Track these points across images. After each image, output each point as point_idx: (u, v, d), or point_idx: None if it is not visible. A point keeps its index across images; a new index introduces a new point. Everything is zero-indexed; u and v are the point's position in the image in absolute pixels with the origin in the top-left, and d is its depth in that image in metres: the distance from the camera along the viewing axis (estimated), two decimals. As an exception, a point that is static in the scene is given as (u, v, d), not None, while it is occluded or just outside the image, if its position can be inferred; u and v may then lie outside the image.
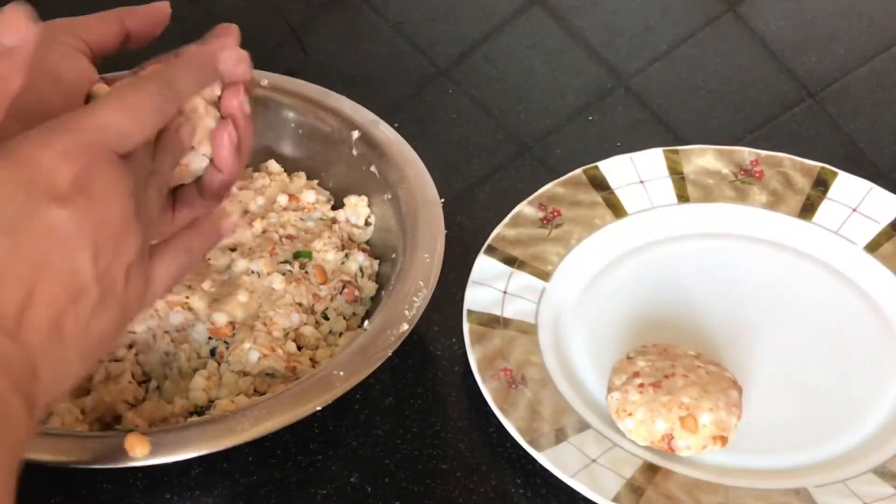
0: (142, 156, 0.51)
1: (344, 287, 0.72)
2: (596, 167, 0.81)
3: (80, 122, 0.48)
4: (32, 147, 0.47)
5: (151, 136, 0.51)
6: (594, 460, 0.64)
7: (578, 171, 0.81)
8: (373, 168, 0.76)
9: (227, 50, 0.57)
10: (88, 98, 0.57)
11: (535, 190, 0.79)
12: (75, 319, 0.47)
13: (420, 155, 0.76)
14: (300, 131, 0.80)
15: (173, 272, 0.53)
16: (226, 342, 0.69)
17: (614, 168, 0.81)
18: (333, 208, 0.79)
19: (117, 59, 0.62)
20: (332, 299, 0.72)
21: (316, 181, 0.80)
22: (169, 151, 0.54)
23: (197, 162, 0.57)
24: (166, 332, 0.69)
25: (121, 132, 0.49)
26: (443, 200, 0.73)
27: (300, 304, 0.70)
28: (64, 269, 0.46)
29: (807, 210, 0.79)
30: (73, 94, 0.57)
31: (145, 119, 0.50)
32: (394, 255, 0.72)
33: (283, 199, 0.77)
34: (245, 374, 0.67)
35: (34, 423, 0.46)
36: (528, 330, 0.72)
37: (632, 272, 0.77)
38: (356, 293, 0.73)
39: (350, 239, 0.77)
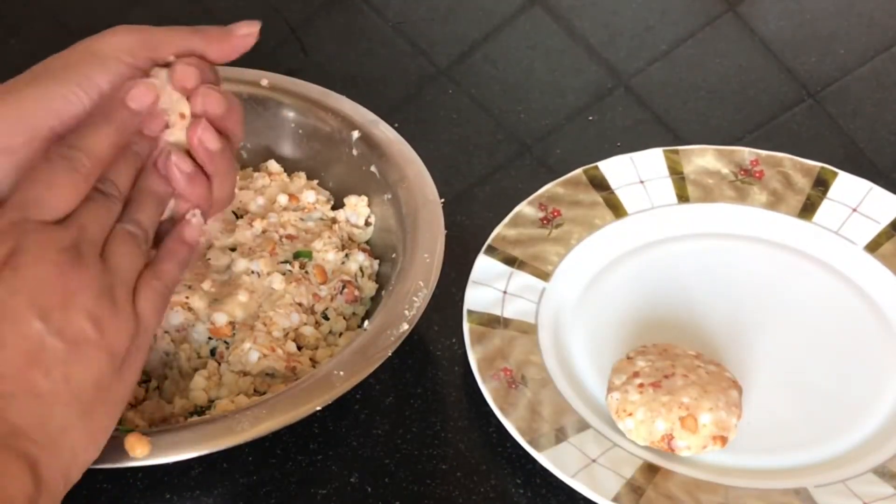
0: (87, 212, 0.54)
1: (344, 287, 0.72)
2: (596, 167, 0.81)
3: (3, 204, 0.52)
4: None
5: (79, 199, 0.54)
6: (594, 460, 0.64)
7: (578, 171, 0.81)
8: (373, 168, 0.76)
9: (132, 89, 0.58)
10: None
11: (535, 190, 0.79)
12: (45, 375, 0.50)
13: (420, 155, 0.76)
14: (300, 131, 0.80)
15: (156, 302, 0.56)
16: (226, 342, 0.69)
17: (614, 168, 0.81)
18: (333, 208, 0.79)
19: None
20: (332, 299, 0.72)
21: (316, 181, 0.80)
22: (145, 202, 0.58)
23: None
24: (166, 332, 0.69)
25: (41, 204, 0.53)
26: (443, 200, 0.73)
27: (300, 304, 0.70)
28: (11, 336, 0.50)
29: (807, 210, 0.79)
30: None
31: (62, 189, 0.54)
32: (394, 255, 0.72)
33: (283, 199, 0.77)
34: (245, 374, 0.67)
35: (49, 491, 0.49)
36: (528, 330, 0.72)
37: (632, 272, 0.77)
38: (356, 293, 0.73)
39: (350, 239, 0.77)
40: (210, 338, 0.69)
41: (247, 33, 0.61)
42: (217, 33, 0.61)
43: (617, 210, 0.79)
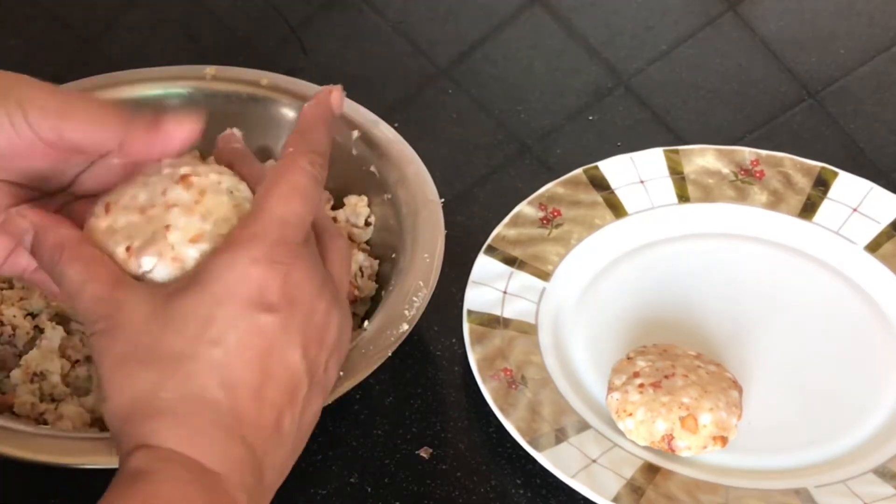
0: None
1: (344, 287, 0.72)
2: (596, 167, 0.81)
3: (260, 224, 0.47)
4: (224, 264, 0.46)
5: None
6: (594, 460, 0.64)
7: (578, 170, 0.81)
8: (373, 168, 0.76)
9: (335, 93, 0.54)
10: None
11: (535, 190, 0.79)
12: (291, 415, 0.48)
13: (420, 155, 0.76)
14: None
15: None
16: (226, 342, 0.69)
17: (614, 168, 0.81)
18: (333, 208, 0.79)
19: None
20: (332, 299, 0.72)
21: (316, 181, 0.80)
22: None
23: None
24: (166, 332, 0.68)
25: (299, 221, 0.48)
26: (443, 200, 0.73)
27: (300, 304, 0.70)
28: (280, 370, 0.47)
29: (807, 210, 0.79)
30: None
31: (312, 196, 0.49)
32: (394, 255, 0.72)
33: (283, 199, 0.77)
34: (245, 374, 0.67)
35: None
36: (528, 330, 0.72)
37: (632, 272, 0.77)
38: (356, 293, 0.72)
39: (350, 239, 0.77)
40: (210, 338, 0.69)
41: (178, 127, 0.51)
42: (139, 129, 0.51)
43: (617, 210, 0.79)
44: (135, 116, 0.51)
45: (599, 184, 0.80)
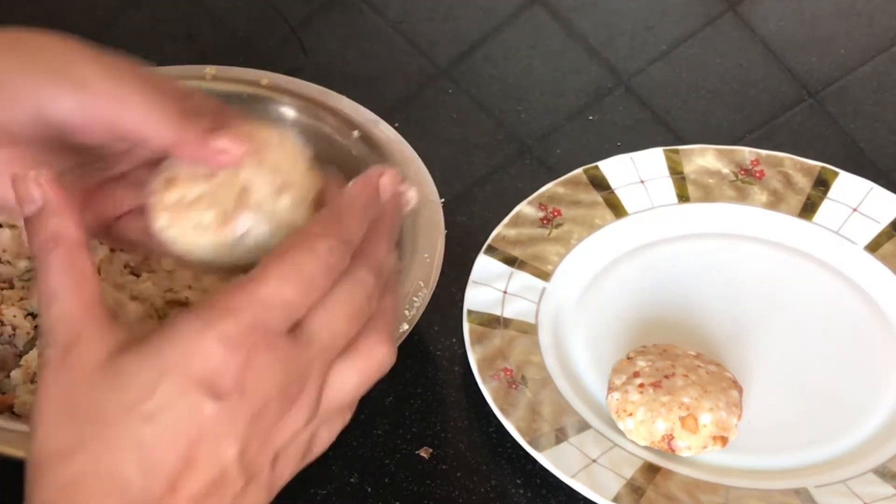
0: (324, 324, 0.46)
1: (344, 287, 0.72)
2: (596, 167, 0.81)
3: (242, 299, 0.44)
4: (188, 331, 0.43)
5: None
6: (594, 460, 0.64)
7: (579, 170, 0.81)
8: (373, 168, 0.76)
9: (386, 176, 0.50)
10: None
11: (535, 190, 0.79)
12: None
13: (420, 155, 0.76)
14: (300, 131, 0.80)
15: (335, 434, 0.50)
16: (226, 342, 0.69)
17: (614, 168, 0.81)
18: (333, 208, 0.79)
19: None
20: (332, 299, 0.72)
21: (316, 181, 0.80)
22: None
23: None
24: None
25: (287, 307, 0.44)
26: (443, 200, 0.73)
27: (300, 304, 0.70)
28: (205, 459, 0.44)
29: (807, 210, 0.79)
30: None
31: (316, 286, 0.45)
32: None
33: (283, 199, 0.77)
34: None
35: None
36: (529, 330, 0.72)
37: (632, 272, 0.77)
38: (356, 293, 0.72)
39: (350, 239, 0.77)
40: (210, 338, 0.69)
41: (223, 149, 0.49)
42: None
43: (617, 210, 0.79)
44: (189, 121, 0.49)
45: (599, 184, 0.80)
